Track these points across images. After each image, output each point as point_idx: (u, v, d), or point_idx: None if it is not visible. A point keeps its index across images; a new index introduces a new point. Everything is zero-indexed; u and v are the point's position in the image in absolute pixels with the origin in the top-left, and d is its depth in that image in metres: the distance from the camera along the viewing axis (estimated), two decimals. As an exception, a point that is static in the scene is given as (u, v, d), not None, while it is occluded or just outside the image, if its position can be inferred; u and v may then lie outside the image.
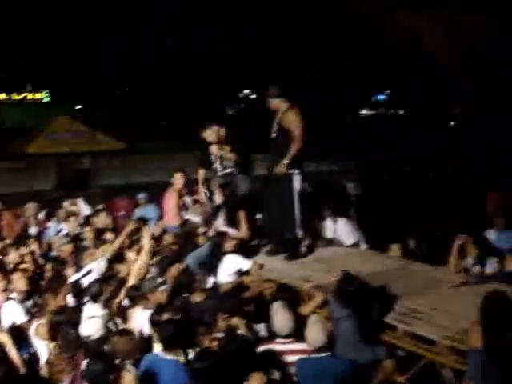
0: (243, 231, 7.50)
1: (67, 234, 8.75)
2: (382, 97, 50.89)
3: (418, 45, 19.93)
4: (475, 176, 15.82)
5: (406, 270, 6.78)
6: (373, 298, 5.33)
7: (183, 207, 9.37)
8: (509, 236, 8.43)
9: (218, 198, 7.80)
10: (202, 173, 8.13)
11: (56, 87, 47.95)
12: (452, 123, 32.89)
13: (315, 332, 4.85)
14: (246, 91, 50.08)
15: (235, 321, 5.30)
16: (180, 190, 8.93)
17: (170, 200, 8.74)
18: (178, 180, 8.84)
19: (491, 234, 8.47)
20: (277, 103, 7.20)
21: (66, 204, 10.84)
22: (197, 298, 5.94)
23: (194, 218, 9.09)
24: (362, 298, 5.20)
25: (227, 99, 48.55)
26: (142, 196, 11.21)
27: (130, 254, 7.06)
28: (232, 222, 7.63)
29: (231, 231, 7.42)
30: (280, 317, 5.12)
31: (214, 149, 7.79)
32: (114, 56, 41.76)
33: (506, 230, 8.55)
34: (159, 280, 6.09)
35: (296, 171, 7.07)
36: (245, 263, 6.78)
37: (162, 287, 5.90)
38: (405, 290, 5.93)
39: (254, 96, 49.07)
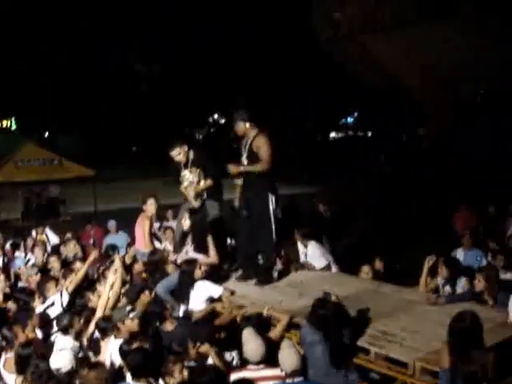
0: (212, 257, 7.43)
1: (34, 264, 8.61)
2: (350, 119, 51.45)
3: (382, 69, 20.23)
4: (444, 196, 16.03)
5: (377, 292, 6.81)
6: (345, 322, 5.32)
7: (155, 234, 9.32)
8: (477, 254, 8.57)
9: (187, 224, 7.73)
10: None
11: (23, 115, 47.53)
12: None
13: (288, 356, 4.80)
14: (216, 116, 50.19)
15: (205, 349, 5.24)
16: (152, 216, 8.83)
17: (142, 226, 8.62)
18: (150, 206, 8.70)
19: (459, 253, 8.60)
20: (244, 128, 7.13)
21: (33, 233, 10.73)
22: (168, 326, 5.88)
23: (169, 245, 9.03)
24: (335, 322, 5.19)
25: (196, 124, 48.63)
26: (111, 223, 11.18)
27: (98, 285, 6.96)
28: (201, 247, 7.56)
29: (200, 257, 7.36)
30: (251, 343, 5.06)
31: (182, 170, 7.71)
32: (80, 82, 41.57)
33: (473, 249, 8.69)
34: (128, 308, 6.00)
35: (271, 194, 7.08)
36: (216, 290, 6.73)
37: (132, 315, 5.80)
38: (376, 312, 5.95)
39: (223, 121, 49.23)
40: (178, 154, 7.68)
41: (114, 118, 43.63)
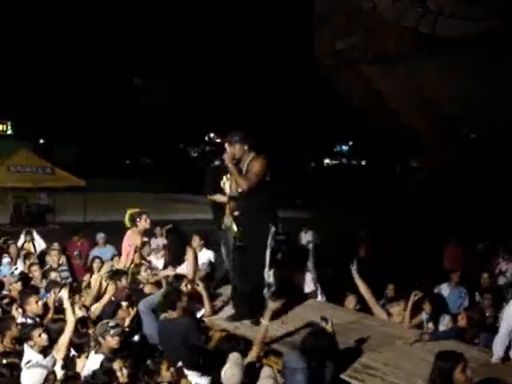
0: (188, 269, 7.28)
1: (21, 273, 8.50)
2: (345, 147, 51.81)
3: (380, 99, 20.37)
4: (434, 229, 16.03)
5: (361, 324, 6.74)
6: (333, 354, 5.24)
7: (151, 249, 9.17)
8: (462, 291, 8.52)
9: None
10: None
11: (20, 120, 47.55)
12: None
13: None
14: (211, 134, 50.39)
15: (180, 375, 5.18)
16: (143, 232, 8.66)
17: (131, 241, 8.45)
18: (144, 222, 8.56)
19: (444, 289, 8.54)
20: (242, 151, 6.56)
21: (20, 241, 10.63)
22: (174, 314, 5.87)
23: (156, 260, 8.94)
24: (325, 354, 5.08)
25: (192, 141, 48.75)
26: (100, 236, 11.04)
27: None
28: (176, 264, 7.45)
29: (177, 270, 7.32)
30: (233, 369, 4.98)
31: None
32: (79, 92, 41.72)
33: (459, 286, 8.64)
34: (112, 323, 5.91)
35: (271, 225, 6.52)
36: (199, 311, 6.64)
37: (113, 331, 5.71)
38: (359, 345, 5.89)
39: (218, 140, 49.42)
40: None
41: (110, 130, 43.72)
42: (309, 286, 8.02)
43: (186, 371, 5.25)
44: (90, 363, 5.45)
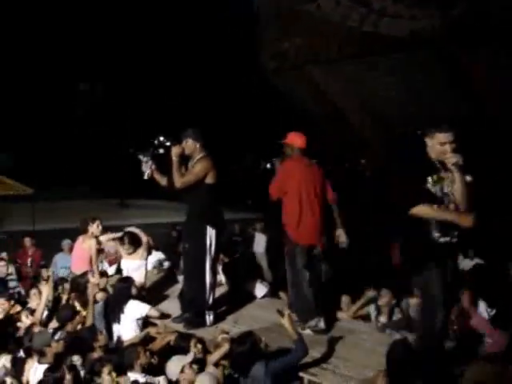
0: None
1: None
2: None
3: (327, 100, 20.56)
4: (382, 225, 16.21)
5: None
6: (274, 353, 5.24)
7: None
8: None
9: None
10: None
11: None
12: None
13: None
14: (161, 138, 49.98)
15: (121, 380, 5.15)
16: (96, 238, 8.50)
17: (82, 247, 8.31)
18: (94, 227, 8.34)
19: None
20: (193, 148, 6.45)
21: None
22: (94, 355, 5.73)
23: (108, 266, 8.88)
24: (256, 357, 4.98)
25: (141, 145, 48.14)
26: (66, 242, 10.61)
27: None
28: None
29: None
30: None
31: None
32: (20, 99, 40.79)
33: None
34: (51, 330, 5.90)
35: (210, 228, 6.38)
36: (143, 308, 6.55)
37: (58, 336, 5.68)
38: (311, 339, 5.95)
39: (168, 143, 49.01)
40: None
41: (54, 137, 42.81)
42: (260, 289, 8.02)
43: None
44: (36, 374, 5.38)
